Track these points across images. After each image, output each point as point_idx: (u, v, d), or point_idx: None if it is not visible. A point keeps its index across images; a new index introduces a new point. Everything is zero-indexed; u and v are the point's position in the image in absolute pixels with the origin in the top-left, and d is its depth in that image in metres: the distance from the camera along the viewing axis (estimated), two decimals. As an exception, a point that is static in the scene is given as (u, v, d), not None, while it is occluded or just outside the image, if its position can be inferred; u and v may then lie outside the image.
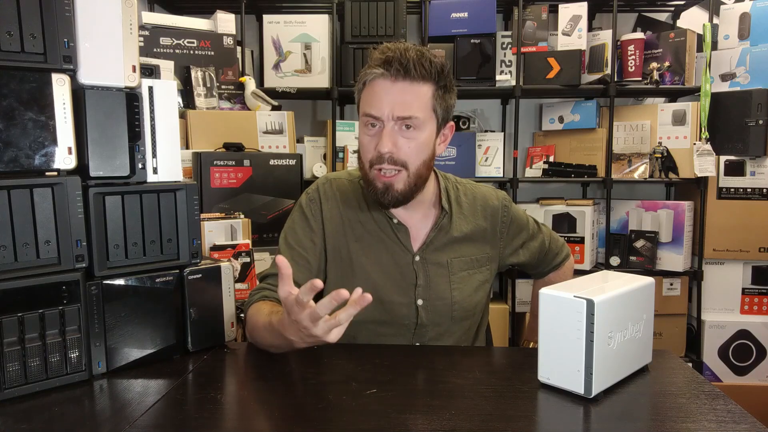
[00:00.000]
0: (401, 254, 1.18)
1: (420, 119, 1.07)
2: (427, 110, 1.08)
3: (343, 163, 2.48)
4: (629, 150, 2.55)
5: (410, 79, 1.06)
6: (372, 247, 1.18)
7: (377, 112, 1.07)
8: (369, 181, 1.12)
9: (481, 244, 1.24)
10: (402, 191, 1.10)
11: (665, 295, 2.48)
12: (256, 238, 1.89)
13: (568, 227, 2.50)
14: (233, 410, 0.83)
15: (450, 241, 1.21)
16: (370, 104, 1.08)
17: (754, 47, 2.34)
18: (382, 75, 1.06)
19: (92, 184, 0.93)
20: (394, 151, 1.07)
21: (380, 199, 1.11)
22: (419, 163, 1.10)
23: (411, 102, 1.06)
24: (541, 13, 2.46)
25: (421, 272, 1.18)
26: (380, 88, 1.07)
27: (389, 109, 1.06)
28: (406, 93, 1.06)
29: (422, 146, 1.10)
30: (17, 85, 0.85)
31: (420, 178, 1.12)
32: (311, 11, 2.57)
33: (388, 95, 1.06)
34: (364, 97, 1.11)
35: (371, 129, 1.10)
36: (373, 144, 1.09)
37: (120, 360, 0.96)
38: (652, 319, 0.95)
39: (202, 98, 2.09)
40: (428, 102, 1.08)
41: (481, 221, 1.24)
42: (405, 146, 1.08)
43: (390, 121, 1.06)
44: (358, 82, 1.12)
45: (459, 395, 0.88)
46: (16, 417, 0.80)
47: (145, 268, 0.99)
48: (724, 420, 0.78)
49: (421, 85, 1.07)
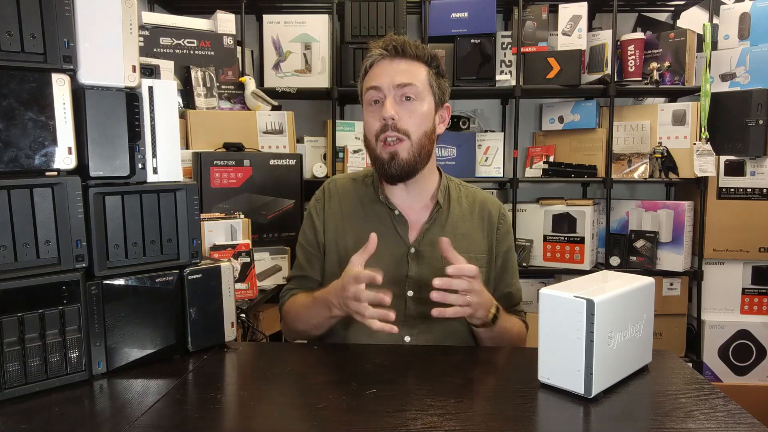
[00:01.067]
0: (397, 246, 1.22)
1: (419, 88, 1.16)
2: (425, 84, 1.18)
3: (343, 163, 2.48)
4: (629, 150, 2.55)
5: (407, 58, 1.17)
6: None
7: (378, 82, 1.16)
8: (376, 156, 1.19)
9: (479, 244, 1.26)
10: (407, 160, 1.16)
11: (665, 295, 2.48)
12: (256, 238, 1.89)
13: (568, 227, 2.50)
14: (233, 410, 0.83)
15: (446, 236, 1.19)
16: (372, 79, 1.18)
17: (754, 47, 2.34)
18: (381, 55, 1.18)
19: (92, 184, 0.93)
20: (396, 117, 1.14)
21: (387, 170, 1.17)
22: (420, 133, 1.17)
23: (410, 73, 1.16)
24: (541, 13, 2.46)
25: (414, 264, 1.20)
26: (380, 67, 1.18)
27: (390, 80, 1.16)
28: (405, 67, 1.17)
29: (423, 117, 1.18)
30: (17, 85, 0.85)
31: (423, 149, 1.18)
32: (311, 11, 2.57)
33: (387, 70, 1.17)
34: (366, 80, 1.21)
35: (374, 105, 1.19)
36: (377, 116, 1.17)
37: (120, 360, 0.96)
38: (652, 319, 0.95)
39: (202, 98, 2.09)
40: (425, 78, 1.18)
41: (479, 222, 1.27)
42: (406, 116, 1.16)
43: (391, 91, 1.16)
44: (361, 70, 1.23)
45: (459, 395, 0.88)
46: (16, 417, 0.80)
47: (145, 268, 0.99)
48: (724, 420, 0.78)
49: (417, 64, 1.18)
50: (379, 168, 1.19)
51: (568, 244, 2.50)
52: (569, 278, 0.98)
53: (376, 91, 1.17)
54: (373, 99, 1.18)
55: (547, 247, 2.55)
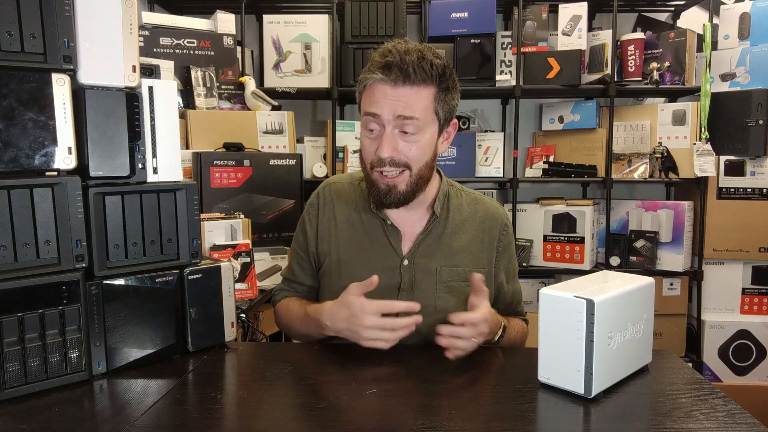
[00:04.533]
0: (390, 257, 1.18)
1: (421, 121, 1.07)
2: (428, 113, 1.08)
3: (343, 163, 2.48)
4: (629, 150, 2.55)
5: (410, 83, 1.05)
6: (363, 249, 1.19)
7: (377, 110, 1.06)
8: (371, 182, 1.13)
9: (478, 257, 1.21)
10: (404, 192, 1.11)
11: (665, 295, 2.48)
12: (256, 238, 1.89)
13: (568, 227, 2.50)
14: (233, 410, 0.83)
15: (442, 247, 1.19)
16: (371, 104, 1.08)
17: (754, 47, 2.34)
18: (381, 80, 1.05)
19: (92, 184, 0.93)
20: (394, 155, 1.07)
21: (383, 200, 1.12)
22: (421, 164, 1.11)
23: (412, 105, 1.06)
24: (541, 13, 2.46)
25: (406, 276, 1.17)
26: (380, 92, 1.06)
27: (390, 109, 1.05)
28: (407, 97, 1.05)
29: (423, 148, 1.10)
30: (17, 85, 0.85)
31: (422, 179, 1.12)
32: (311, 11, 2.57)
33: (387, 98, 1.06)
34: (364, 98, 1.11)
35: (372, 133, 1.10)
36: (373, 147, 1.09)
37: (120, 360, 0.96)
38: (652, 319, 0.95)
39: (202, 98, 2.09)
40: (429, 105, 1.08)
41: (479, 234, 1.22)
42: (406, 149, 1.08)
43: (390, 123, 1.06)
44: (359, 84, 1.12)
45: (459, 395, 0.88)
46: (16, 417, 0.80)
47: (145, 268, 0.99)
48: (724, 420, 0.78)
49: (422, 89, 1.06)
50: (374, 196, 1.13)
51: (568, 244, 2.50)
52: (569, 278, 0.98)
53: (374, 119, 1.08)
54: (370, 126, 1.09)
55: (547, 247, 2.55)
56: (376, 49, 1.10)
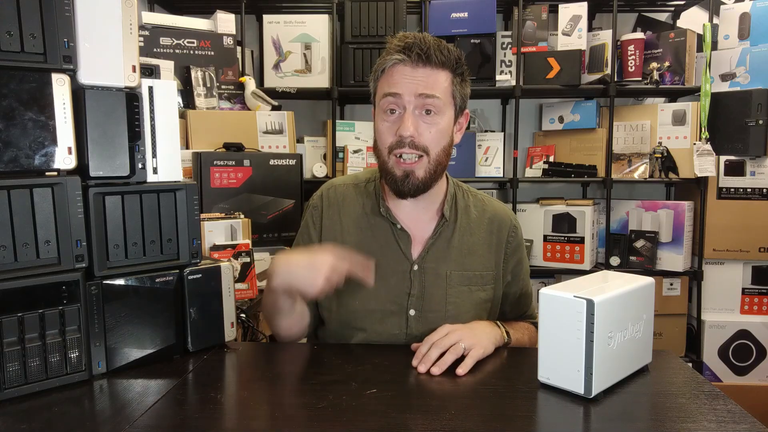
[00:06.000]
0: (399, 262, 1.16)
1: (441, 102, 1.07)
2: (447, 95, 1.09)
3: (343, 162, 2.48)
4: (629, 150, 2.55)
5: (430, 65, 1.06)
6: (372, 253, 1.15)
7: (398, 90, 1.06)
8: (388, 169, 1.11)
9: (487, 260, 1.19)
10: (423, 178, 1.09)
11: (665, 295, 2.48)
12: (256, 238, 1.89)
13: (568, 227, 2.50)
14: (233, 410, 0.83)
15: (451, 251, 1.17)
16: (390, 85, 1.08)
17: (754, 47, 2.34)
18: (402, 61, 1.06)
19: (92, 184, 0.93)
20: (415, 135, 1.06)
21: (400, 188, 1.10)
22: (439, 149, 1.10)
23: (432, 84, 1.06)
24: (541, 13, 2.46)
25: (416, 281, 1.15)
26: (399, 73, 1.07)
27: (411, 89, 1.06)
28: (428, 77, 1.06)
29: (442, 132, 1.09)
30: (17, 85, 0.85)
31: (440, 165, 1.11)
32: (311, 11, 2.57)
33: (407, 78, 1.06)
34: (382, 82, 1.10)
35: (391, 115, 1.09)
36: (393, 129, 1.08)
37: (120, 360, 0.96)
38: (652, 319, 0.95)
39: (202, 98, 2.09)
40: (448, 88, 1.09)
41: (487, 236, 1.20)
42: (426, 131, 1.08)
43: (411, 103, 1.06)
44: (375, 71, 1.12)
45: (459, 395, 0.88)
46: (16, 417, 0.80)
47: (145, 268, 0.99)
48: (724, 420, 0.78)
49: (440, 72, 1.07)
50: (391, 184, 1.11)
51: (568, 244, 2.50)
52: (569, 278, 0.98)
53: (394, 99, 1.07)
54: (390, 107, 1.08)
55: (547, 247, 2.55)
56: (393, 36, 1.11)
